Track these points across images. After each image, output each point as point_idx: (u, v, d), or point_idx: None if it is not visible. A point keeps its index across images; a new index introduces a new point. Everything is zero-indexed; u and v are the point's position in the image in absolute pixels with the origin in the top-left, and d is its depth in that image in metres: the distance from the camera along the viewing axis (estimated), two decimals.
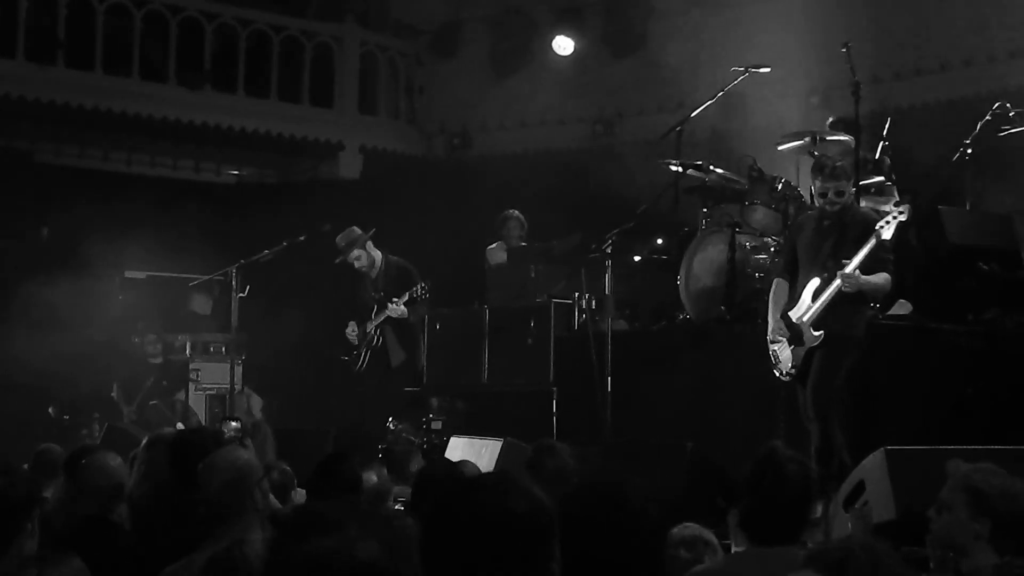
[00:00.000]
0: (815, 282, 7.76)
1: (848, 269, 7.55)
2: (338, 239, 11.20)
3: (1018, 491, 4.08)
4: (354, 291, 11.39)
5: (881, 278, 7.69)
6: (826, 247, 7.80)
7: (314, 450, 8.61)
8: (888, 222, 7.51)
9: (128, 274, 15.02)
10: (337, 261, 11.19)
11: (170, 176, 16.84)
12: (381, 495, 5.87)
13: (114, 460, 5.62)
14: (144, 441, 5.98)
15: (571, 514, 3.08)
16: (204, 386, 13.44)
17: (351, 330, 11.21)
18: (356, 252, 11.11)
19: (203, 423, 12.38)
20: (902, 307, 9.53)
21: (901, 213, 7.57)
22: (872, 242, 7.53)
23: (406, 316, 10.99)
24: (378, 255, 11.28)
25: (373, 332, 11.11)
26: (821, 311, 7.69)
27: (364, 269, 11.18)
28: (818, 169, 7.89)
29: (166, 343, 13.62)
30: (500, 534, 2.72)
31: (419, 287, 10.88)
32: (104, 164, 16.39)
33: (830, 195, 7.78)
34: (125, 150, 16.37)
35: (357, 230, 11.21)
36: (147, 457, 5.75)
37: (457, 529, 2.74)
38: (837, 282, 7.57)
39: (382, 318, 10.99)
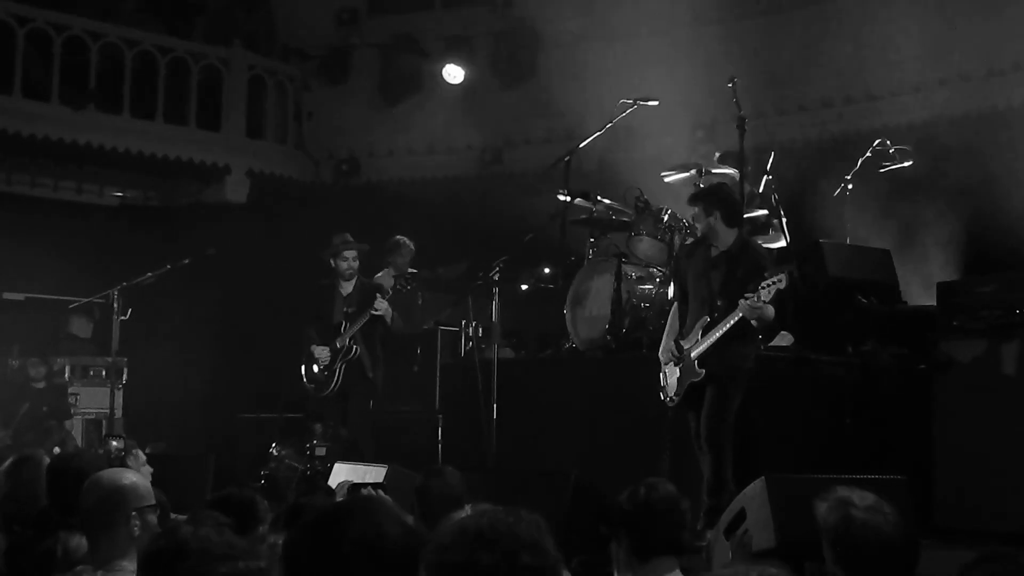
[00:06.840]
0: (705, 319, 7.80)
1: (753, 299, 7.40)
2: (335, 238, 10.55)
3: (866, 521, 4.10)
4: (318, 312, 10.57)
5: (771, 310, 7.68)
6: (715, 282, 7.81)
7: (195, 476, 8.48)
8: (768, 286, 7.45)
9: (6, 295, 14.70)
10: (330, 256, 10.48)
11: (51, 197, 16.53)
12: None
13: None
14: (9, 462, 5.82)
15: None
16: (82, 410, 13.16)
17: (320, 352, 10.32)
18: (353, 252, 10.48)
19: (79, 447, 12.12)
20: (783, 339, 9.68)
21: (780, 281, 7.51)
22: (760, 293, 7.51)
23: (391, 314, 10.29)
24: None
25: (348, 343, 10.27)
26: (707, 348, 7.72)
27: (349, 273, 10.44)
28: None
29: (48, 366, 13.33)
30: (370, 559, 2.67)
31: (403, 278, 10.47)
32: None
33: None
34: (4, 170, 16.05)
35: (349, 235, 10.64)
36: (14, 479, 5.61)
37: (325, 554, 2.69)
38: (739, 313, 7.50)
39: (363, 322, 10.19)
